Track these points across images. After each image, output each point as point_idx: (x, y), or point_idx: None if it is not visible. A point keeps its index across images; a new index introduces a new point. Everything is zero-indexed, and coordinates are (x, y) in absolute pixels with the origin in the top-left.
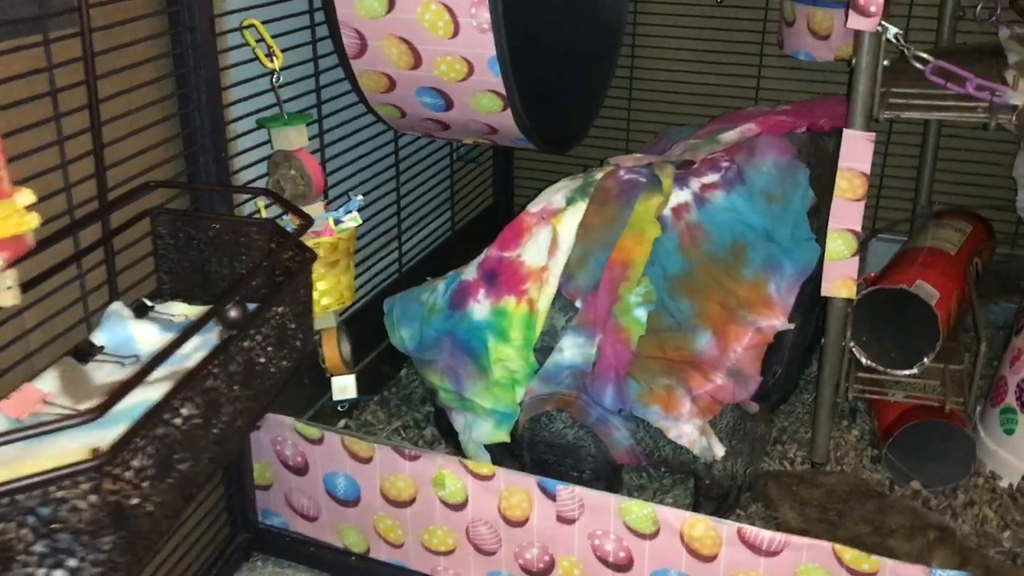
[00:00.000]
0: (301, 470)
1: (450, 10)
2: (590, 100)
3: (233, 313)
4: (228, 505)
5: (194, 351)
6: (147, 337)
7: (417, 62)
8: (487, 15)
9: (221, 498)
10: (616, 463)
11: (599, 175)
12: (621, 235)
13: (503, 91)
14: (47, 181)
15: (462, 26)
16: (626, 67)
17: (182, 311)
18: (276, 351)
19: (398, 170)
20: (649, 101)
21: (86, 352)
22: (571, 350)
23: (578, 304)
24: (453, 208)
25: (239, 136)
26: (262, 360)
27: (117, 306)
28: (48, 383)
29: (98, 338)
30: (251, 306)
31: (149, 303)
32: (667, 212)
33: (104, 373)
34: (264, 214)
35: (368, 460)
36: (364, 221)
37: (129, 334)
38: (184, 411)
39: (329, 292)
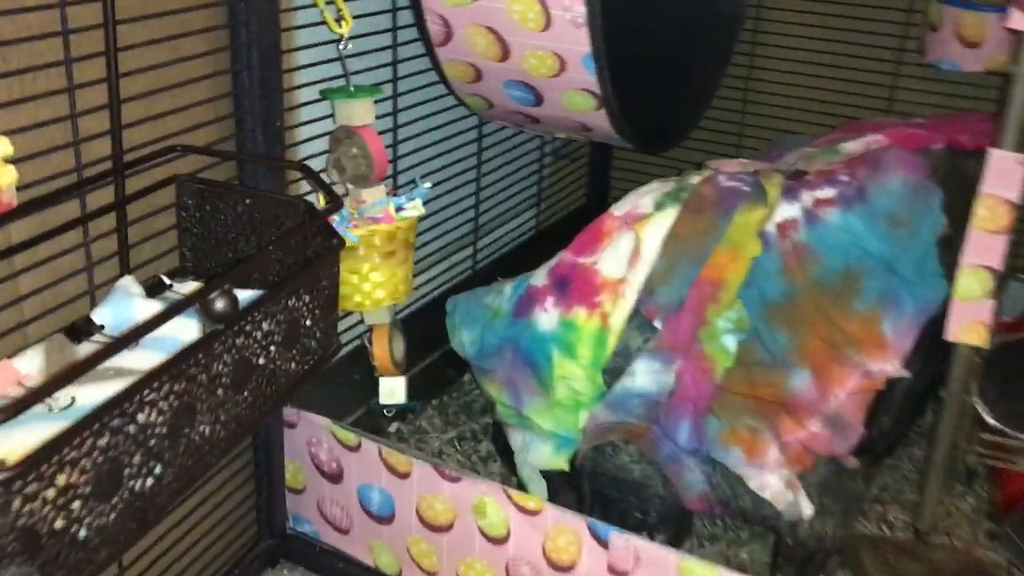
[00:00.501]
0: (335, 477)
1: (542, 1)
2: (698, 98)
3: (220, 304)
4: (256, 504)
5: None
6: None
7: (505, 54)
8: (582, 8)
9: (250, 496)
10: (686, 508)
11: (695, 179)
12: (714, 249)
13: (598, 90)
14: (54, 133)
15: (555, 19)
16: (743, 65)
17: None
18: (283, 351)
19: (480, 159)
20: (766, 104)
21: (82, 330)
22: (645, 376)
23: (657, 324)
24: (539, 205)
25: (301, 105)
26: (261, 360)
27: (127, 281)
28: (30, 362)
29: (99, 315)
30: (252, 295)
31: (167, 281)
32: (771, 228)
33: None
34: (322, 196)
35: (406, 475)
36: (438, 211)
37: (132, 314)
38: (142, 417)
39: (383, 285)
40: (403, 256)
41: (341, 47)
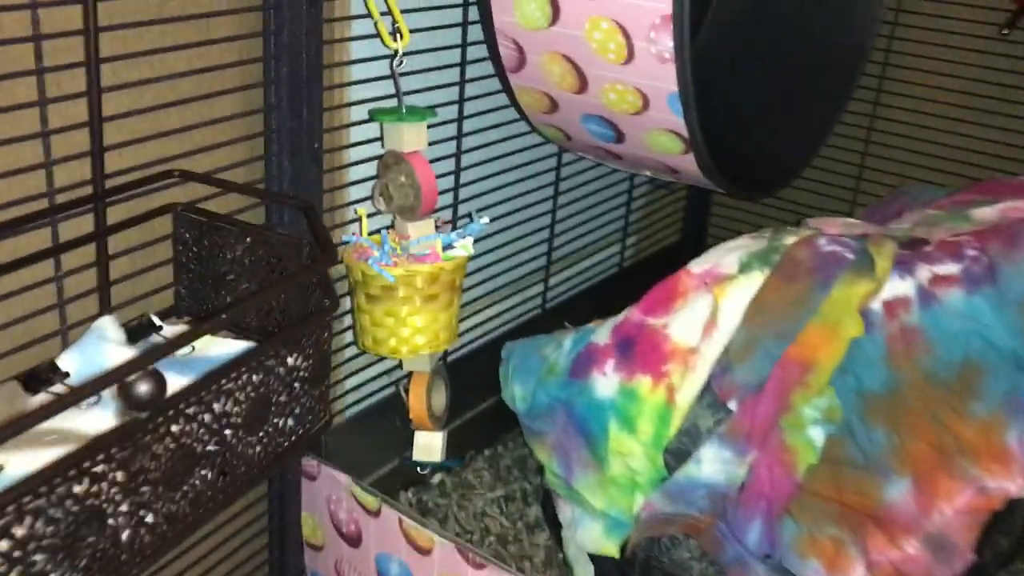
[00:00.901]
0: (354, 540)
1: (624, 31)
2: (808, 138)
3: (143, 387)
4: (269, 560)
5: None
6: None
7: (582, 86)
8: (669, 42)
9: (262, 550)
10: None
11: (790, 239)
12: (806, 325)
13: (684, 133)
14: (25, 151)
15: (638, 51)
16: (868, 101)
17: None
18: (244, 434)
19: (557, 188)
20: (892, 147)
21: (42, 378)
22: (713, 464)
23: (732, 405)
24: (625, 239)
25: (351, 125)
26: (210, 448)
27: (105, 322)
28: None
29: (66, 360)
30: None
31: (157, 322)
32: (876, 305)
33: None
34: (366, 224)
35: (427, 552)
36: (507, 243)
37: (103, 362)
38: (18, 531)
39: (423, 331)
40: (447, 300)
41: (395, 64)
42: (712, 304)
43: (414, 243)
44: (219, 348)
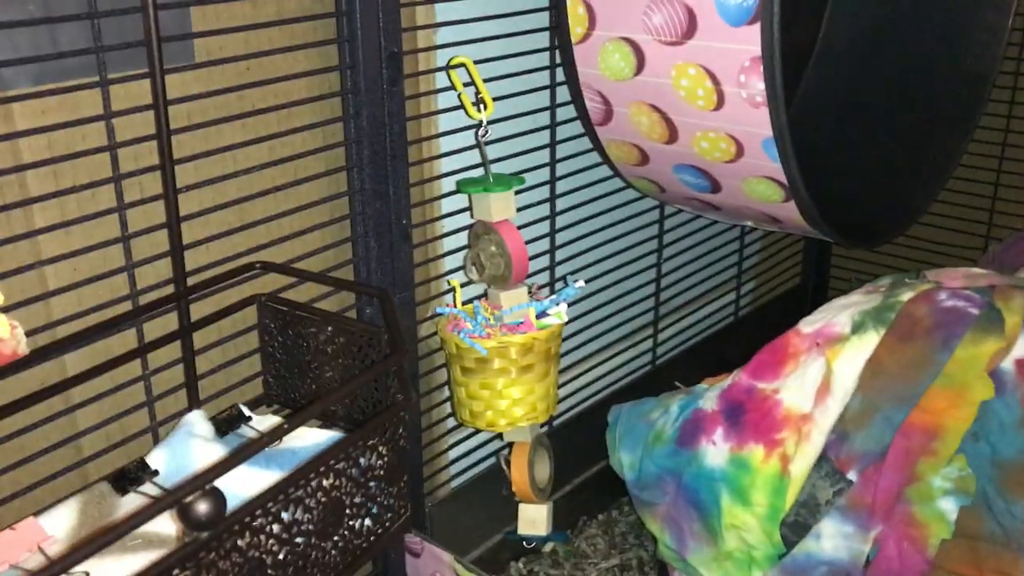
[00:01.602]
0: None
1: (712, 76)
2: (927, 177)
3: (201, 508)
4: None
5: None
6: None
7: (672, 136)
8: (761, 85)
9: None
10: None
11: (907, 294)
12: (929, 389)
13: (783, 179)
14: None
15: (728, 97)
16: (999, 129)
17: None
18: (317, 540)
19: (661, 241)
20: None
21: (131, 477)
22: (834, 539)
23: (852, 476)
24: (739, 287)
25: (440, 197)
26: (281, 556)
27: (193, 416)
28: (60, 520)
29: (155, 458)
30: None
31: (247, 412)
32: (1008, 365)
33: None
34: (459, 295)
35: None
36: (611, 300)
37: (191, 459)
38: None
39: (521, 402)
40: (543, 370)
41: (480, 134)
42: (824, 367)
43: (507, 312)
44: (305, 439)
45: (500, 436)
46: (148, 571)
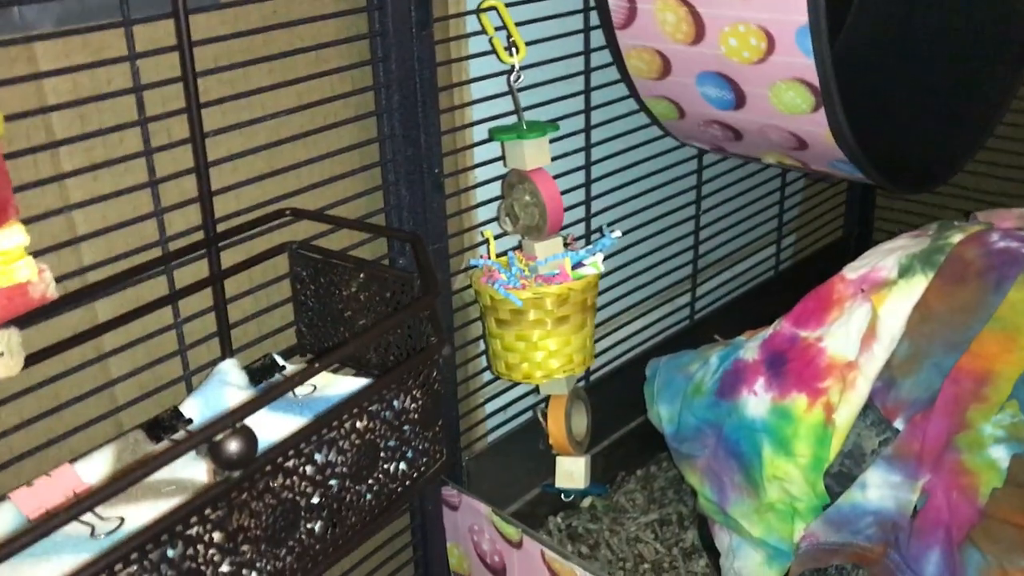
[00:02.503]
0: (499, 572)
1: None
2: (974, 122)
3: (232, 446)
4: None
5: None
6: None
7: (699, 33)
8: None
9: None
10: None
11: (957, 236)
12: (980, 333)
13: (814, 79)
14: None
15: None
16: None
17: (315, 379)
18: (352, 483)
19: (699, 192)
20: None
21: (165, 426)
22: (880, 489)
23: (899, 424)
24: (780, 240)
25: (473, 146)
26: (315, 500)
27: (227, 365)
28: (95, 467)
29: (189, 406)
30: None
31: (281, 362)
32: None
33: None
34: (493, 247)
35: None
36: (649, 253)
37: (225, 406)
38: None
39: (557, 354)
40: (579, 321)
41: (513, 79)
42: (870, 313)
43: (542, 263)
44: (340, 387)
45: (537, 389)
46: (180, 509)
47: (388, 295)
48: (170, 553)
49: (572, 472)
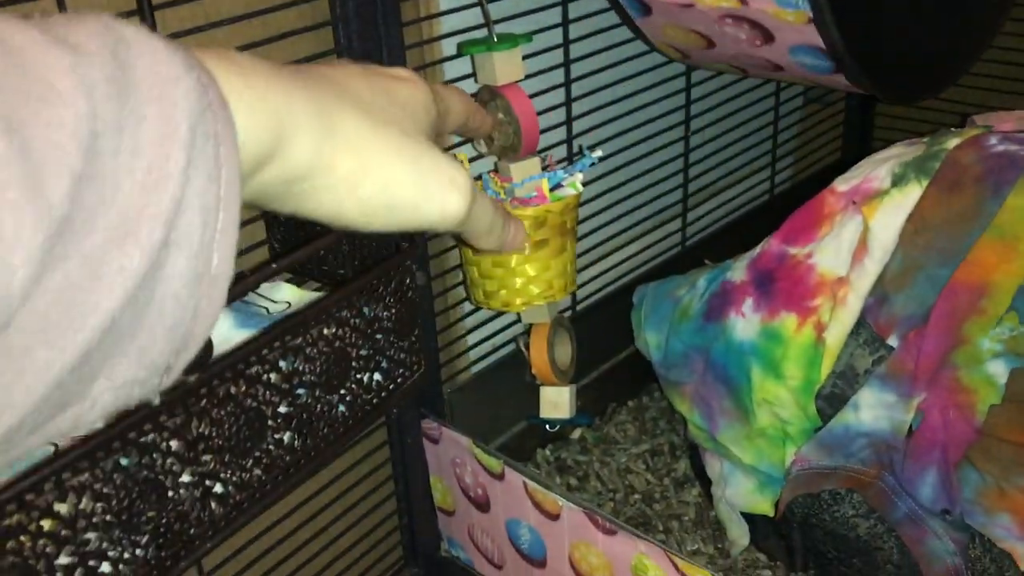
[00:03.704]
0: (482, 505)
1: None
2: (975, 25)
3: None
4: (400, 526)
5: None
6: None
7: None
8: None
9: (392, 515)
10: None
11: (952, 141)
12: (977, 242)
13: None
14: None
15: None
16: None
17: (288, 296)
18: (322, 393)
19: (688, 112)
20: None
21: None
22: (874, 409)
23: (892, 341)
24: (774, 163)
25: (441, 61)
26: (282, 409)
27: None
28: None
29: None
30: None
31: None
32: None
33: None
34: (467, 169)
35: (555, 517)
36: (637, 177)
37: None
38: (62, 509)
39: (536, 280)
40: (559, 245)
41: None
42: (862, 225)
43: (518, 186)
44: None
45: (519, 319)
46: (132, 415)
47: None
48: (124, 461)
49: (556, 402)
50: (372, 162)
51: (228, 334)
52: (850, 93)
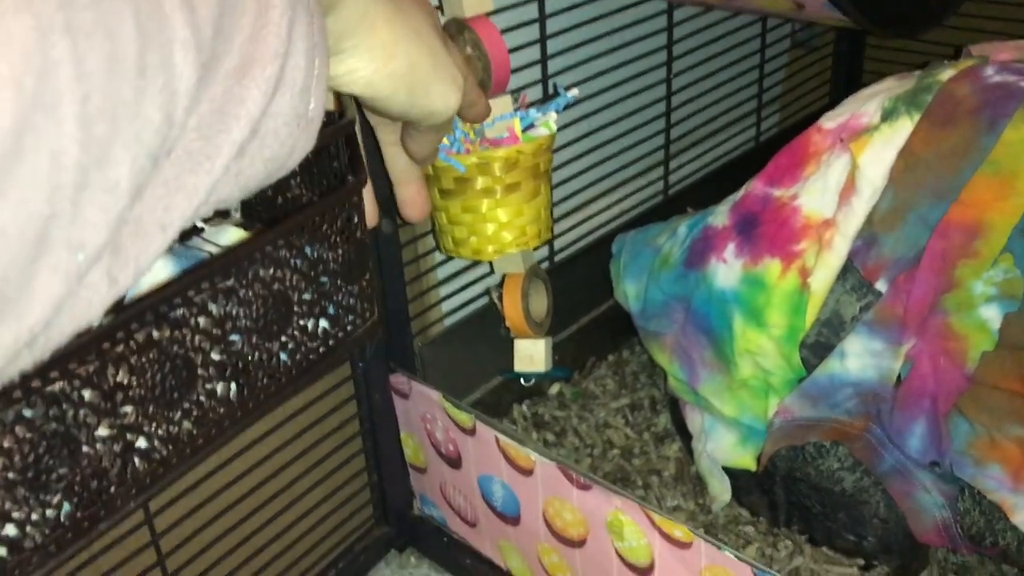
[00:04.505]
0: (454, 461)
1: None
2: None
3: None
4: (369, 484)
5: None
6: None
7: None
8: None
9: (361, 472)
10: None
11: (947, 73)
12: (971, 179)
13: None
14: None
15: None
16: None
17: (236, 240)
18: (261, 339)
19: (670, 53)
20: None
21: None
22: (861, 358)
23: (881, 286)
24: (760, 109)
25: None
26: (215, 356)
27: None
28: None
29: None
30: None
31: (200, 223)
32: None
33: None
34: None
35: (528, 472)
36: (616, 121)
37: None
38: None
39: (509, 226)
40: (531, 188)
41: None
42: (850, 163)
43: (488, 125)
44: None
45: (492, 268)
46: (52, 361)
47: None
48: (28, 413)
49: (532, 355)
50: (403, 38)
51: (164, 276)
52: (839, 34)
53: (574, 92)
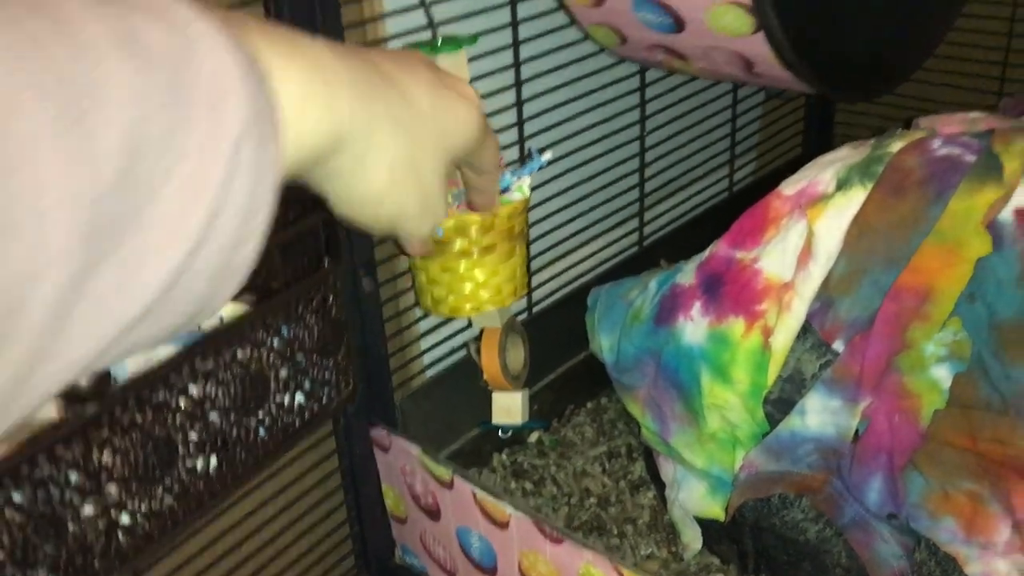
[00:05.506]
0: (433, 513)
1: None
2: (927, 21)
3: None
4: (351, 534)
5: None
6: None
7: None
8: None
9: (343, 524)
10: None
11: (897, 144)
12: (920, 247)
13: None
14: None
15: None
16: None
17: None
18: (239, 416)
19: (643, 111)
20: None
21: None
22: (820, 415)
23: (838, 346)
24: (733, 160)
25: None
26: (193, 437)
27: None
28: None
29: None
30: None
31: None
32: (1006, 216)
33: None
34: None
35: (504, 525)
36: (593, 177)
37: None
38: None
39: (486, 285)
40: (507, 249)
41: None
42: (806, 230)
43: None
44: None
45: (471, 323)
46: (24, 448)
47: (291, 217)
48: (17, 497)
49: (509, 407)
50: (399, 182)
51: (153, 351)
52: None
53: (547, 156)
